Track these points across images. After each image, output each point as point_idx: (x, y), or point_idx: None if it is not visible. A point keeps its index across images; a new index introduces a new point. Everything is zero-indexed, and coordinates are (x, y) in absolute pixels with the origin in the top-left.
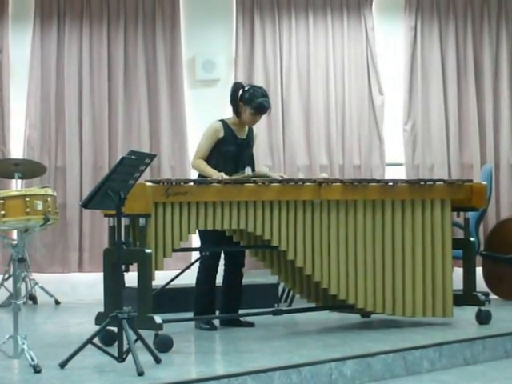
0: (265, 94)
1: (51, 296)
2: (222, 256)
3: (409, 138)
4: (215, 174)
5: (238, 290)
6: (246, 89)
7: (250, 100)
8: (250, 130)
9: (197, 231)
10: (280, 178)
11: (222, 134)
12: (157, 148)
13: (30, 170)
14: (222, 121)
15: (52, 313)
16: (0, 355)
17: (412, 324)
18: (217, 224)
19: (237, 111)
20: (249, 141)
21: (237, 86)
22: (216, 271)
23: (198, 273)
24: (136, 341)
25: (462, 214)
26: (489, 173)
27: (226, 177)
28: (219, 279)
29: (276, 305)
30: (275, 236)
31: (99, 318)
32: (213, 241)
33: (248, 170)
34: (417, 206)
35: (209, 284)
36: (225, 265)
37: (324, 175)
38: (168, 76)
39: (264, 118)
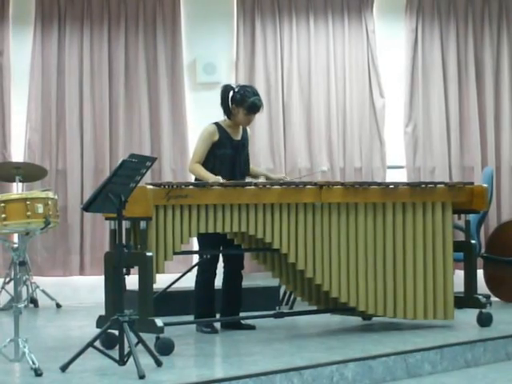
0: (256, 93)
1: (52, 299)
2: (221, 259)
3: (410, 141)
4: (212, 178)
5: (238, 292)
6: (237, 90)
7: (241, 101)
8: (245, 131)
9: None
10: (281, 181)
11: (216, 137)
12: (158, 151)
13: (30, 173)
14: (217, 123)
15: (53, 316)
16: (1, 358)
17: (413, 326)
18: (218, 227)
19: (228, 113)
20: (244, 142)
21: (226, 89)
22: (214, 274)
23: (197, 276)
24: (137, 344)
25: (463, 216)
26: (490, 175)
27: (222, 181)
28: (219, 282)
29: (277, 308)
30: (276, 239)
31: (100, 321)
32: (210, 244)
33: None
34: (418, 208)
35: (207, 287)
36: (224, 267)
37: (324, 168)
38: (169, 79)
39: (265, 120)
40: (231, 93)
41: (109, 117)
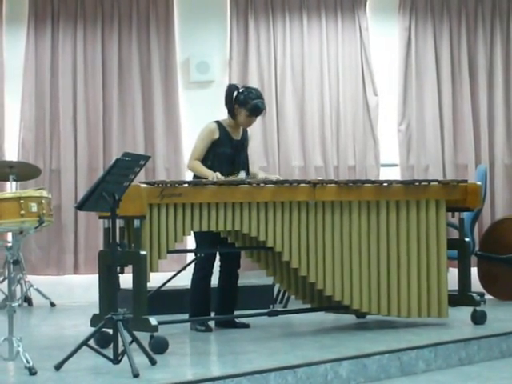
0: (259, 96)
1: (46, 298)
2: (218, 257)
3: (403, 139)
4: (211, 175)
5: (234, 291)
6: (241, 91)
7: (244, 102)
8: (245, 131)
9: (192, 233)
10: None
11: (217, 136)
12: (151, 149)
13: (24, 172)
14: (218, 122)
15: (47, 315)
16: None
17: (407, 324)
18: (212, 225)
19: (232, 113)
20: (243, 142)
21: (231, 89)
22: (211, 273)
23: (193, 274)
24: (131, 342)
25: (456, 214)
26: (483, 173)
27: (221, 177)
28: (215, 280)
29: (271, 306)
30: (270, 237)
31: (94, 320)
32: (208, 242)
33: (242, 174)
34: (411, 206)
35: (204, 286)
36: (220, 266)
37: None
38: (162, 78)
39: (258, 119)
40: (235, 93)
41: (102, 116)
